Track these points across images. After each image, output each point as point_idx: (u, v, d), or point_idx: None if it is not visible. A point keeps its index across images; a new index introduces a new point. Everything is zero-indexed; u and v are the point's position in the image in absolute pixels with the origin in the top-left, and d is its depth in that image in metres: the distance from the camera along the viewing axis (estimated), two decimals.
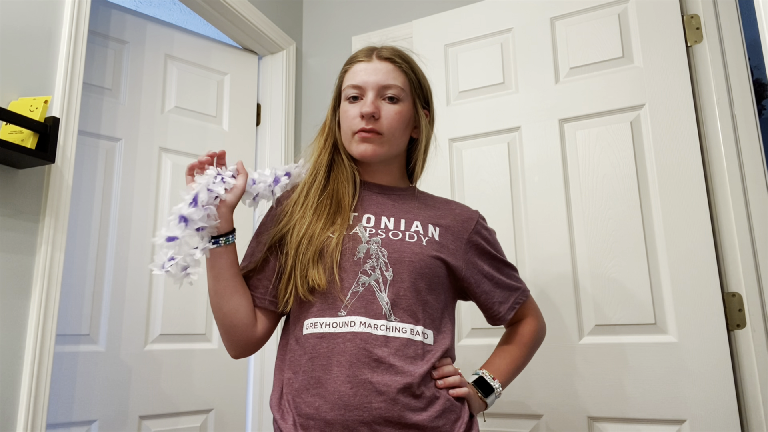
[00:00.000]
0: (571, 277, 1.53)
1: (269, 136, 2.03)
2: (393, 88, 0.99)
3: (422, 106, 1.06)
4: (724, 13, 1.53)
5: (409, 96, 1.02)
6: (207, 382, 1.72)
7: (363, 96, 0.99)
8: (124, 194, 1.65)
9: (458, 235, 1.03)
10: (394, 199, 1.04)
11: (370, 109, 0.97)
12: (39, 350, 1.13)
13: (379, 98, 0.99)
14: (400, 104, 1.00)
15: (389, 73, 1.00)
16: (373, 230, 0.98)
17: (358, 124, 0.98)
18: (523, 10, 1.73)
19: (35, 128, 1.11)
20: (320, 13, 2.22)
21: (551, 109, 1.64)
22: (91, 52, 1.60)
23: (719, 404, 1.32)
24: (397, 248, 0.95)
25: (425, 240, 0.98)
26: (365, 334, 0.90)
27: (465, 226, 1.04)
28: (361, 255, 0.94)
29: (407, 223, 1.00)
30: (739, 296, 1.39)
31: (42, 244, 1.17)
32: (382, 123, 0.98)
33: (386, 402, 0.86)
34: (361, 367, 0.88)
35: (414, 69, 1.05)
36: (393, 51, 1.03)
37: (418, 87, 1.04)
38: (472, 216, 1.07)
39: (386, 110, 0.99)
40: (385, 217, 1.00)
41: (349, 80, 1.02)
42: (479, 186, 1.69)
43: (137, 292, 1.62)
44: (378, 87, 0.99)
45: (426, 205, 1.06)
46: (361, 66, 1.01)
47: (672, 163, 1.47)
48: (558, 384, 1.49)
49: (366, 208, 1.02)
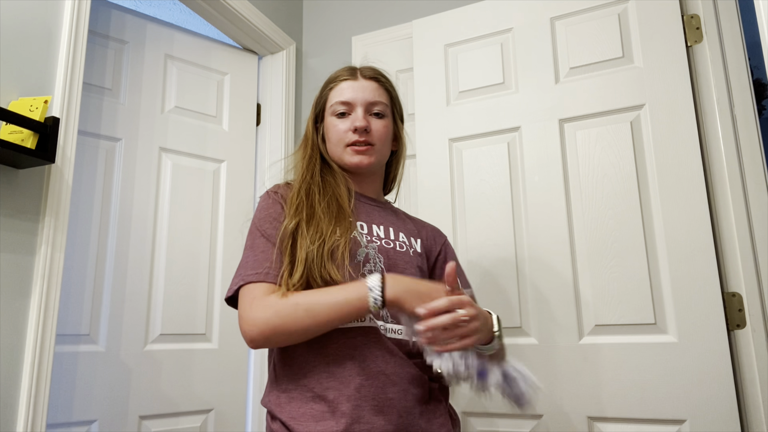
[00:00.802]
0: (571, 276, 1.53)
1: (269, 136, 2.03)
2: (379, 104, 1.08)
3: (399, 120, 1.15)
4: (724, 13, 1.53)
5: (390, 112, 1.11)
6: (207, 382, 1.72)
7: (351, 112, 1.06)
8: (124, 194, 1.65)
9: (431, 249, 1.14)
10: (379, 210, 1.11)
11: (363, 124, 1.04)
12: (39, 350, 1.13)
13: (367, 114, 1.07)
14: (386, 119, 1.09)
15: (375, 90, 1.08)
16: (368, 237, 1.03)
17: (351, 137, 1.05)
18: (523, 10, 1.73)
19: (35, 128, 1.11)
20: (320, 13, 2.22)
21: (551, 109, 1.64)
22: (91, 52, 1.60)
23: (719, 404, 1.32)
24: (392, 256, 1.02)
25: (412, 251, 1.07)
26: (374, 329, 0.95)
27: (437, 240, 1.17)
28: (361, 258, 0.99)
29: (395, 233, 1.07)
30: (739, 296, 1.39)
31: (42, 244, 1.17)
32: (372, 135, 1.06)
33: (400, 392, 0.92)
34: (375, 360, 0.92)
35: (392, 88, 1.14)
36: (375, 71, 1.12)
37: (395, 104, 1.14)
38: (441, 234, 1.20)
39: (375, 124, 1.07)
40: (375, 225, 1.06)
41: (336, 97, 1.08)
42: (479, 186, 1.69)
43: (137, 292, 1.63)
44: (366, 103, 1.07)
45: (402, 218, 1.15)
46: (348, 84, 1.08)
47: (672, 163, 1.47)
48: (558, 384, 1.49)
49: (358, 215, 1.06)
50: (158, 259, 1.69)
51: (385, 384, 0.91)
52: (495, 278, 1.61)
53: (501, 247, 1.62)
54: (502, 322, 1.02)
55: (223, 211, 1.87)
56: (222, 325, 1.79)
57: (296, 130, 2.10)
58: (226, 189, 1.90)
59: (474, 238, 1.66)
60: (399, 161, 1.17)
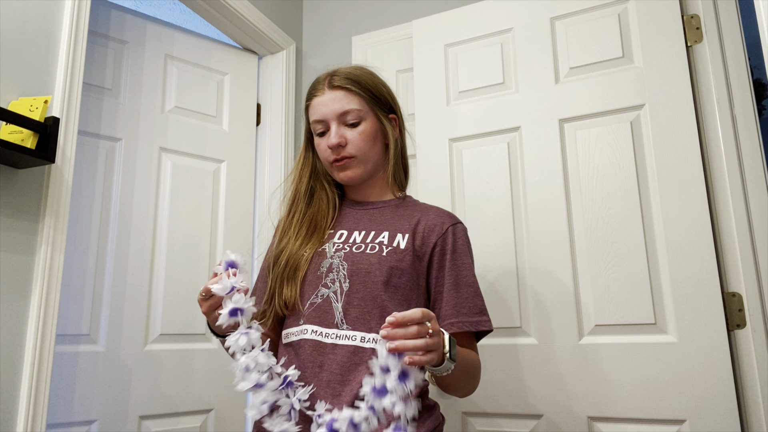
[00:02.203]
0: (571, 276, 1.53)
1: (269, 136, 2.03)
2: (351, 113, 1.05)
3: (385, 114, 1.10)
4: (724, 13, 1.53)
5: (369, 112, 1.08)
6: (207, 382, 1.72)
7: (328, 128, 1.06)
8: (124, 194, 1.65)
9: (426, 242, 1.04)
10: (372, 213, 1.10)
11: (335, 141, 1.04)
12: (39, 350, 1.13)
13: (342, 126, 1.06)
14: (363, 124, 1.06)
15: (343, 99, 1.05)
16: (341, 245, 1.04)
17: (331, 155, 1.06)
18: (523, 10, 1.73)
19: (35, 128, 1.11)
20: (320, 13, 2.22)
21: (551, 109, 1.64)
22: (91, 52, 1.60)
23: (719, 404, 1.32)
24: (357, 260, 1.00)
25: (387, 250, 1.01)
26: (314, 342, 0.97)
27: (435, 231, 1.05)
28: (324, 269, 1.01)
29: (375, 234, 1.05)
30: (739, 296, 1.39)
31: (42, 244, 1.17)
32: (350, 148, 1.05)
33: None
34: (306, 373, 0.95)
35: (364, 86, 1.08)
36: (342, 76, 1.07)
37: (374, 100, 1.08)
38: (443, 224, 1.06)
39: (351, 135, 1.05)
40: (357, 231, 1.06)
41: (312, 116, 1.09)
42: (479, 186, 1.69)
43: (137, 292, 1.62)
44: (337, 116, 1.05)
45: (404, 214, 1.09)
46: (318, 100, 1.08)
47: (672, 163, 1.47)
48: (558, 384, 1.49)
49: (343, 224, 1.09)
50: (158, 259, 1.69)
51: None
52: (495, 278, 1.61)
53: (501, 247, 1.62)
54: (503, 322, 1.01)
55: (223, 211, 1.87)
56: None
57: (296, 130, 2.10)
58: (226, 189, 1.90)
59: (474, 238, 1.64)
60: (389, 154, 1.11)
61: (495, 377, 1.54)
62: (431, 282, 1.04)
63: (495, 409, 1.54)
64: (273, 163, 2.00)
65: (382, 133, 1.10)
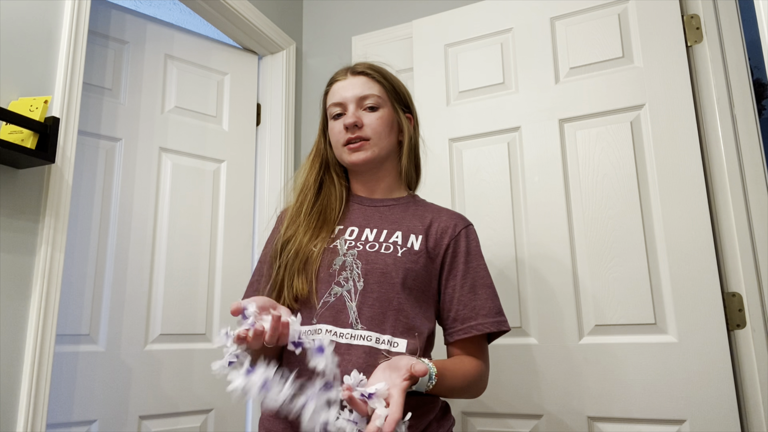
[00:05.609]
0: (571, 276, 1.53)
1: (269, 136, 2.03)
2: (370, 97, 1.06)
3: (402, 110, 1.11)
4: (724, 13, 1.53)
5: (387, 102, 1.08)
6: (207, 382, 1.72)
7: (345, 111, 1.06)
8: (124, 194, 1.65)
9: (439, 244, 1.03)
10: (383, 210, 1.08)
11: (352, 120, 1.03)
12: (39, 350, 1.13)
13: (360, 109, 1.06)
14: (381, 110, 1.06)
15: (364, 84, 1.07)
16: (353, 242, 1.02)
17: (345, 136, 1.05)
18: (523, 10, 1.73)
19: (35, 128, 1.11)
20: (320, 13, 2.22)
21: (551, 109, 1.64)
22: (91, 52, 1.60)
23: (719, 404, 1.32)
24: (371, 260, 0.99)
25: (401, 251, 1.00)
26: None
27: (447, 234, 1.04)
28: (336, 267, 0.99)
29: (388, 234, 1.03)
30: (739, 296, 1.39)
31: (42, 244, 1.17)
32: (366, 130, 1.04)
33: None
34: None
35: (386, 77, 1.11)
36: (366, 65, 1.10)
37: (393, 92, 1.10)
38: (456, 226, 1.06)
39: (368, 118, 1.05)
40: (368, 228, 1.05)
41: (330, 100, 1.09)
42: (479, 186, 1.69)
43: (137, 292, 1.62)
44: (356, 99, 1.06)
45: (415, 214, 1.08)
46: (339, 85, 1.09)
47: (672, 163, 1.47)
48: (558, 384, 1.49)
49: (353, 220, 1.06)
50: (158, 259, 1.69)
51: None
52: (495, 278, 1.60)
53: (501, 247, 1.62)
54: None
55: (223, 211, 1.87)
56: (222, 325, 1.79)
57: (296, 130, 2.10)
58: (226, 189, 1.90)
59: None
60: (404, 150, 1.10)
61: (495, 377, 1.53)
62: (442, 284, 1.03)
63: (495, 408, 1.54)
64: (273, 163, 2.00)
65: (397, 125, 1.10)
